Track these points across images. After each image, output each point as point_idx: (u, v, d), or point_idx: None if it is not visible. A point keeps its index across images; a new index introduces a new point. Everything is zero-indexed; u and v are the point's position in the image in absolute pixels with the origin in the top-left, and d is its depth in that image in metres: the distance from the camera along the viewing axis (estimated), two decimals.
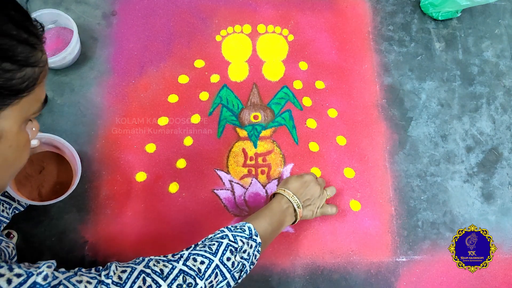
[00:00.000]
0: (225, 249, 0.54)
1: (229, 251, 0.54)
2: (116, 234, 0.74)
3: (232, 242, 0.56)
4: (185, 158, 0.80)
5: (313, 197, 0.70)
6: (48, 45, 0.85)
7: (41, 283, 0.39)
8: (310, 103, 0.86)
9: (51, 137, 0.65)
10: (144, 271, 0.48)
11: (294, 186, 0.69)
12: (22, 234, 0.73)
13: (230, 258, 0.54)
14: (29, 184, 0.69)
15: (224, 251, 0.54)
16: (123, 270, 0.47)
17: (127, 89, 0.84)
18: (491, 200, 0.84)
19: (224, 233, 0.57)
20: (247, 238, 0.58)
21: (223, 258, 0.53)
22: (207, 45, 0.89)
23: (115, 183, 0.77)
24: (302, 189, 0.69)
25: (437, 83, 0.91)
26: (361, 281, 0.75)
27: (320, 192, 0.71)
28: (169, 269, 0.49)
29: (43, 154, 0.71)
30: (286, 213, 0.66)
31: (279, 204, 0.66)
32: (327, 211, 0.74)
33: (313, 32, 0.92)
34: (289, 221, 0.67)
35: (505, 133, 0.89)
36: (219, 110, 0.84)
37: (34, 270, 0.40)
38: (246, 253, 0.56)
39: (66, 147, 0.67)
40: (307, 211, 0.69)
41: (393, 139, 0.86)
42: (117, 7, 0.90)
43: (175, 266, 0.50)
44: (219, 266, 0.53)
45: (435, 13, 0.94)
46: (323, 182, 0.75)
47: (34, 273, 0.40)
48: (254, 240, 0.58)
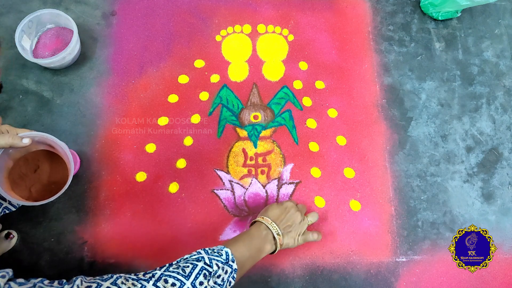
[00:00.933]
0: (199, 273, 0.52)
1: (202, 275, 0.52)
2: (115, 234, 0.74)
3: (207, 266, 0.54)
4: (185, 158, 0.80)
5: (293, 224, 0.68)
6: (48, 45, 0.85)
7: None
8: (310, 103, 0.86)
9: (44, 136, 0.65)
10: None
11: (273, 213, 0.68)
12: (21, 235, 0.73)
13: (203, 282, 0.52)
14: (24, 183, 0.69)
15: (198, 274, 0.52)
16: (88, 286, 0.45)
17: (127, 89, 0.84)
18: (491, 200, 0.84)
19: (200, 255, 0.55)
20: (223, 263, 0.56)
21: (195, 282, 0.51)
22: (207, 45, 0.89)
23: (115, 183, 0.77)
24: (282, 215, 0.68)
25: (437, 83, 0.91)
26: (361, 281, 0.75)
27: (301, 218, 0.69)
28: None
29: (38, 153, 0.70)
30: (265, 239, 0.64)
31: (258, 230, 0.65)
32: (308, 238, 0.71)
33: (313, 32, 0.92)
34: (269, 249, 0.65)
35: (505, 133, 0.89)
36: (219, 110, 0.84)
37: None
38: (220, 279, 0.54)
39: (59, 146, 0.66)
40: (288, 239, 0.67)
41: (393, 139, 0.86)
42: (116, 7, 0.90)
43: (144, 285, 0.48)
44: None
45: (435, 13, 0.94)
46: (304, 208, 0.74)
47: None
48: (230, 265, 0.56)
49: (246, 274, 0.73)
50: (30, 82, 0.82)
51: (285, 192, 0.79)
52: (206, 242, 0.75)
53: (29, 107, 0.81)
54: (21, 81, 0.82)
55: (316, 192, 0.80)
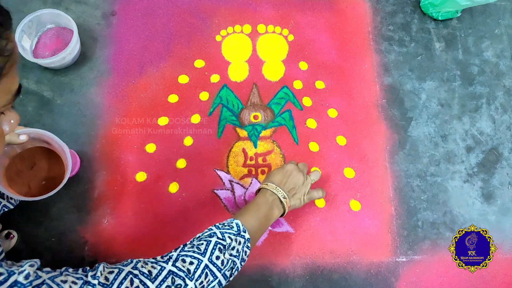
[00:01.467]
0: (214, 248, 0.54)
1: (217, 250, 0.54)
2: (116, 234, 0.74)
3: (220, 240, 0.55)
4: (185, 158, 0.80)
5: (297, 185, 0.69)
6: (48, 45, 0.85)
7: (22, 282, 0.38)
8: (310, 103, 0.86)
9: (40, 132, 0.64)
10: (131, 272, 0.47)
11: (276, 178, 0.68)
12: (22, 234, 0.73)
13: (219, 256, 0.53)
14: (21, 180, 0.69)
15: (213, 250, 0.53)
16: (110, 271, 0.47)
17: (127, 89, 0.84)
18: (491, 200, 0.84)
19: (212, 231, 0.57)
20: (235, 234, 0.57)
21: (212, 257, 0.53)
22: (207, 45, 0.89)
23: (115, 183, 0.77)
24: (284, 179, 0.69)
25: (437, 83, 0.91)
26: (361, 281, 0.75)
27: (303, 178, 0.70)
28: (158, 271, 0.49)
29: (34, 149, 0.70)
30: (272, 205, 0.66)
31: (264, 198, 0.66)
32: (313, 195, 0.73)
33: (313, 32, 0.92)
34: (277, 213, 0.66)
35: (505, 133, 0.89)
36: (219, 110, 0.84)
37: (16, 269, 0.39)
38: (235, 250, 0.56)
39: (55, 142, 0.66)
40: (295, 200, 0.69)
41: (393, 139, 0.86)
42: (117, 7, 0.90)
43: (164, 267, 0.49)
44: (208, 266, 0.52)
45: (435, 13, 0.94)
46: (305, 167, 0.74)
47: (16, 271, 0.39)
48: (242, 236, 0.58)
49: (246, 274, 0.73)
50: (30, 82, 0.82)
51: None
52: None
53: (30, 107, 0.81)
54: (21, 81, 0.82)
55: None
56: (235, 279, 0.73)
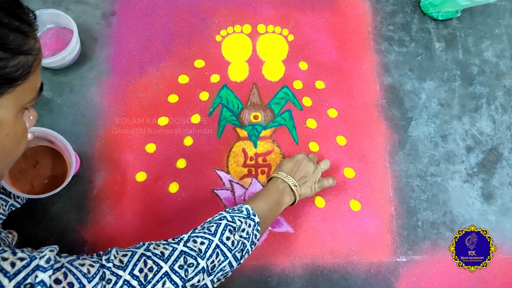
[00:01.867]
0: (224, 229, 0.55)
1: (228, 231, 0.55)
2: (115, 234, 0.74)
3: (230, 222, 0.56)
4: (185, 158, 0.80)
5: (307, 174, 0.71)
6: (48, 45, 0.85)
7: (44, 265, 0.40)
8: (310, 103, 0.86)
9: (45, 131, 0.65)
10: (144, 254, 0.48)
11: (287, 167, 0.71)
12: (22, 234, 0.73)
13: (230, 237, 0.55)
14: (24, 178, 0.69)
15: (223, 231, 0.55)
16: (124, 254, 0.48)
17: (127, 89, 0.84)
18: (491, 200, 0.84)
19: (222, 215, 0.58)
20: (245, 217, 0.58)
21: (222, 238, 0.54)
22: (207, 45, 0.89)
23: (115, 183, 0.77)
24: (295, 168, 0.71)
25: (437, 83, 0.91)
26: (361, 281, 0.75)
27: (313, 167, 0.72)
28: (170, 251, 0.50)
29: (37, 148, 0.70)
30: (283, 192, 0.67)
31: (275, 185, 0.68)
32: (324, 184, 0.75)
33: (313, 32, 0.92)
34: (288, 200, 0.68)
35: (505, 133, 0.89)
36: (219, 110, 0.84)
37: (37, 254, 0.41)
38: (245, 232, 0.57)
39: (59, 141, 0.66)
40: (305, 188, 0.71)
41: (393, 139, 0.86)
42: (116, 7, 0.90)
43: (175, 248, 0.51)
44: (219, 245, 0.53)
45: (435, 13, 0.94)
46: (315, 158, 0.77)
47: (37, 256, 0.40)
48: (252, 219, 0.59)
49: (246, 274, 0.73)
50: None
51: None
52: None
53: None
54: None
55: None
56: (235, 279, 0.73)
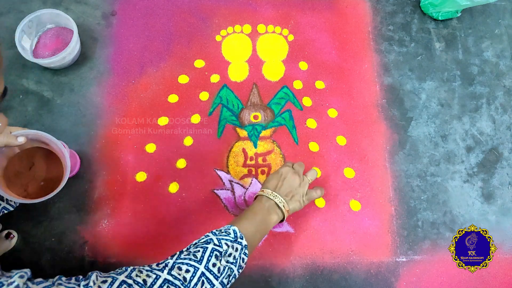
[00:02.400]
0: (210, 255, 0.52)
1: (214, 257, 0.53)
2: (116, 234, 0.74)
3: (217, 246, 0.54)
4: (185, 158, 0.80)
5: (293, 188, 0.67)
6: (48, 45, 0.85)
7: None
8: (310, 103, 0.86)
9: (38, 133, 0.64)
10: (125, 282, 0.46)
11: (271, 183, 0.67)
12: (22, 234, 0.73)
13: (216, 263, 0.52)
14: (19, 181, 0.68)
15: (210, 257, 0.52)
16: (103, 281, 0.45)
17: (127, 89, 0.84)
18: (491, 200, 0.84)
19: (209, 237, 0.56)
20: (232, 241, 0.56)
21: (208, 265, 0.51)
22: (207, 45, 0.89)
23: (115, 183, 0.77)
24: (280, 183, 0.67)
25: (437, 83, 0.91)
26: (361, 281, 0.75)
27: (299, 180, 0.68)
28: (153, 279, 0.47)
29: (32, 150, 0.69)
30: (269, 211, 0.64)
31: (260, 203, 0.64)
32: (312, 196, 0.71)
33: (313, 32, 0.92)
34: (275, 219, 0.64)
35: (505, 133, 0.89)
36: (219, 110, 0.84)
37: (5, 280, 0.38)
38: (232, 257, 0.55)
39: (53, 143, 0.66)
40: (293, 203, 0.66)
41: (393, 139, 0.86)
42: (117, 7, 0.90)
43: (159, 275, 0.48)
44: (205, 273, 0.51)
45: (435, 13, 0.94)
46: (301, 168, 0.71)
47: (5, 283, 0.38)
48: (239, 243, 0.57)
49: (247, 274, 0.73)
50: (30, 82, 0.82)
51: None
52: None
53: (29, 107, 0.81)
54: (21, 81, 0.82)
55: None
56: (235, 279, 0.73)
